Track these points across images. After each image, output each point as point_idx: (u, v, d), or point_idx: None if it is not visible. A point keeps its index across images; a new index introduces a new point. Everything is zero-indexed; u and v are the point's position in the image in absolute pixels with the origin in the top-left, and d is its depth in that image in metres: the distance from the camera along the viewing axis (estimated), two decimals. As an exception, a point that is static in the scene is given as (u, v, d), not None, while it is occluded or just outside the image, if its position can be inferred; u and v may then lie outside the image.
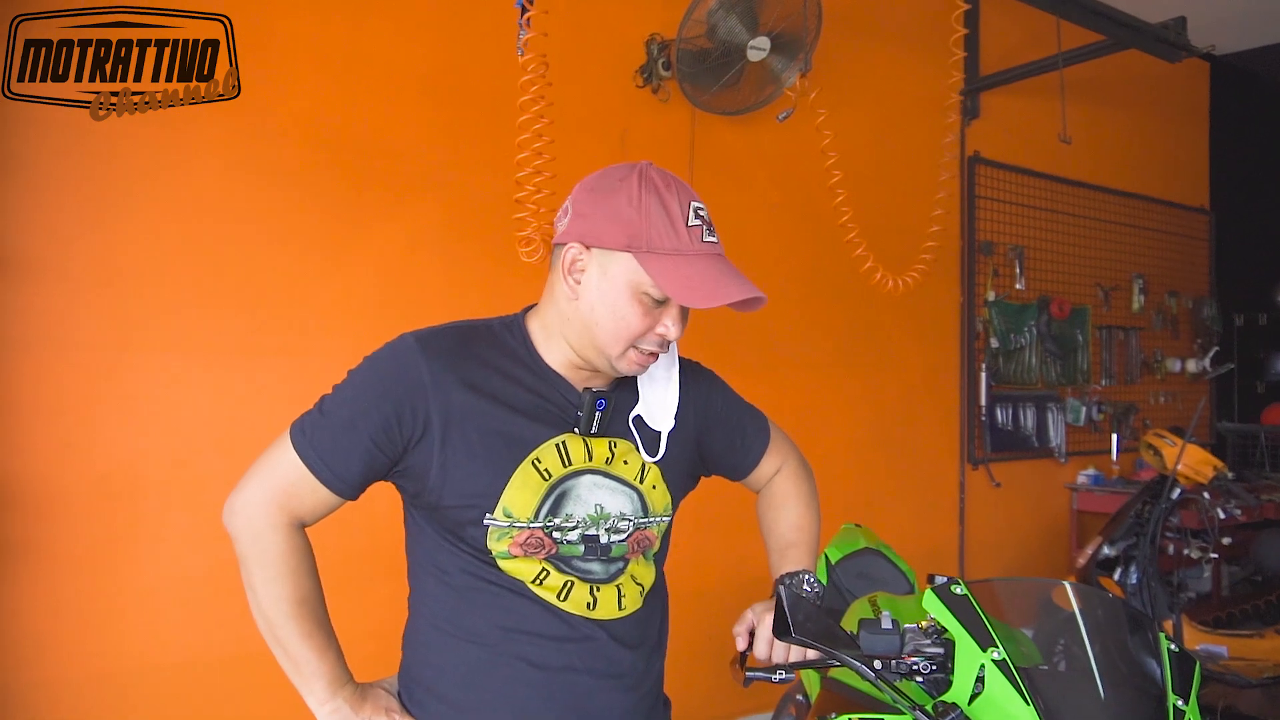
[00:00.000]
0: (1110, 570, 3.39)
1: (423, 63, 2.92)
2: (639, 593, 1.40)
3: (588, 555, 1.35)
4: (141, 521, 2.46)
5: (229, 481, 1.33)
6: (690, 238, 1.27)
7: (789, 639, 1.20)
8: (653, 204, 1.27)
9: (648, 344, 1.31)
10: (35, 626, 2.32)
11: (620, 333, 1.29)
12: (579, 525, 1.33)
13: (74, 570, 2.37)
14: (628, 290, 1.28)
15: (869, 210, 3.34)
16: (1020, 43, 4.48)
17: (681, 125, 3.45)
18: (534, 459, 1.31)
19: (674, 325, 1.31)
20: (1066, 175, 4.96)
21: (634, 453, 1.39)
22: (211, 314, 2.57)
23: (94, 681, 2.39)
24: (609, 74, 3.37)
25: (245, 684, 2.52)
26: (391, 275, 2.85)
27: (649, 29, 3.38)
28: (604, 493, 1.36)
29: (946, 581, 1.34)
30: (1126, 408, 5.24)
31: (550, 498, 1.32)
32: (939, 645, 1.31)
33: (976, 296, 4.55)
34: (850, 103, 3.83)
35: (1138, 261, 5.40)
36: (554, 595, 1.32)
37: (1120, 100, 5.21)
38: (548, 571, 1.32)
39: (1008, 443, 4.69)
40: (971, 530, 4.51)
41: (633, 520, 1.38)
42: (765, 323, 3.67)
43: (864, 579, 2.42)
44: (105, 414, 2.43)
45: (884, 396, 4.18)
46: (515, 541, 1.30)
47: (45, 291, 2.34)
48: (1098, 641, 1.31)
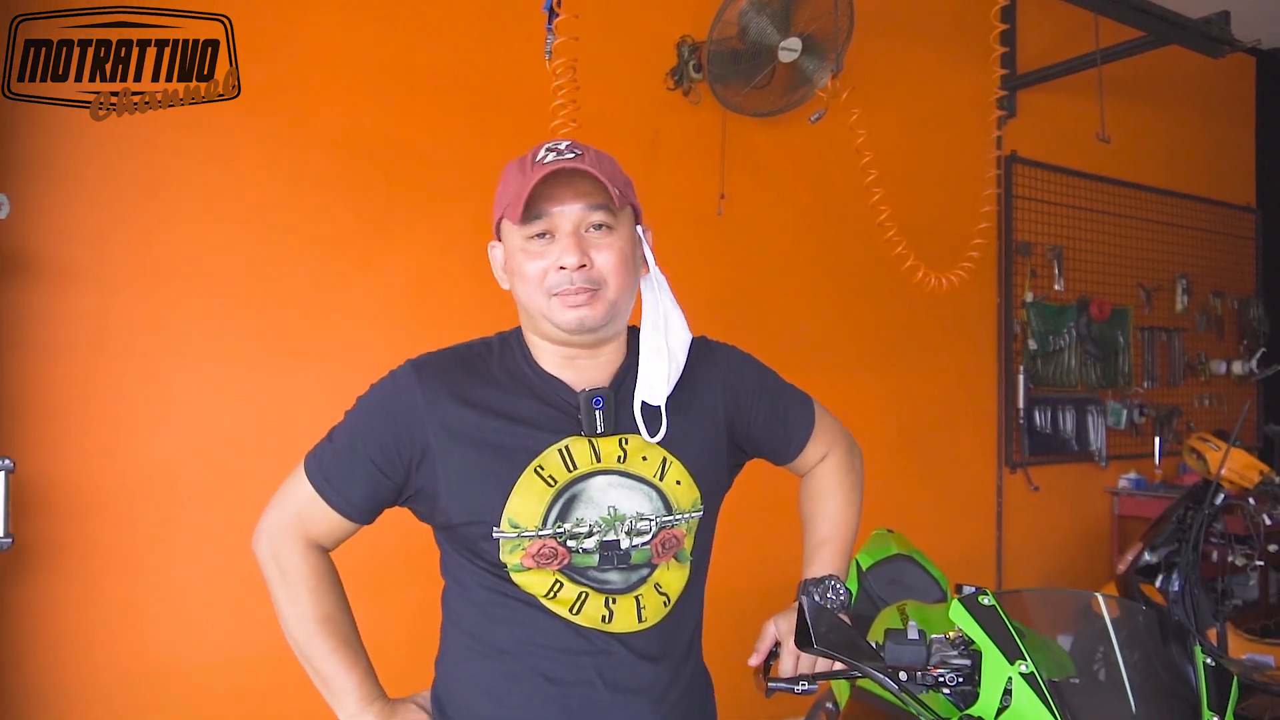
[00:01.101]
0: (1152, 577, 3.32)
1: (454, 66, 2.94)
2: (663, 603, 1.35)
3: (604, 565, 1.30)
4: (177, 523, 2.49)
5: (263, 483, 1.36)
6: (532, 168, 1.26)
7: (811, 650, 1.18)
8: (510, 168, 1.32)
9: (558, 285, 1.26)
10: (73, 626, 2.36)
11: (532, 288, 1.28)
12: (593, 530, 1.29)
13: (111, 571, 2.41)
14: (514, 249, 1.30)
15: (904, 210, 3.30)
16: (1057, 40, 4.40)
17: (712, 127, 3.43)
18: (536, 466, 1.29)
19: (563, 254, 1.25)
20: (1106, 174, 4.87)
21: (653, 447, 1.33)
22: (245, 317, 2.60)
23: (131, 681, 2.42)
24: (640, 76, 3.36)
25: (280, 685, 2.55)
26: (423, 278, 2.87)
27: (680, 31, 3.38)
28: (619, 493, 1.31)
29: (974, 592, 1.32)
30: (1169, 411, 5.14)
31: (558, 504, 1.28)
32: (966, 657, 1.29)
33: (1014, 298, 4.48)
34: (884, 103, 3.80)
35: (1181, 261, 5.29)
36: (567, 609, 1.30)
37: (1161, 97, 5.11)
38: (561, 584, 1.29)
39: (1046, 446, 4.61)
40: (1009, 535, 4.45)
41: (654, 520, 1.32)
42: (798, 324, 3.65)
43: (895, 586, 2.39)
44: (141, 418, 2.46)
45: (919, 399, 4.14)
46: (528, 553, 1.28)
47: (80, 296, 2.38)
48: (1130, 654, 1.28)
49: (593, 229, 1.28)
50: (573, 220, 1.27)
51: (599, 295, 1.27)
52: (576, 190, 1.26)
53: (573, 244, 1.25)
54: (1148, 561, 3.35)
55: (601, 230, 1.28)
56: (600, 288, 1.27)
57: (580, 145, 1.30)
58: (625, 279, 1.31)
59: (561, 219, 1.26)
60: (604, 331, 1.32)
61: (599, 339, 1.33)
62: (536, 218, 1.26)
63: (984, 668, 1.24)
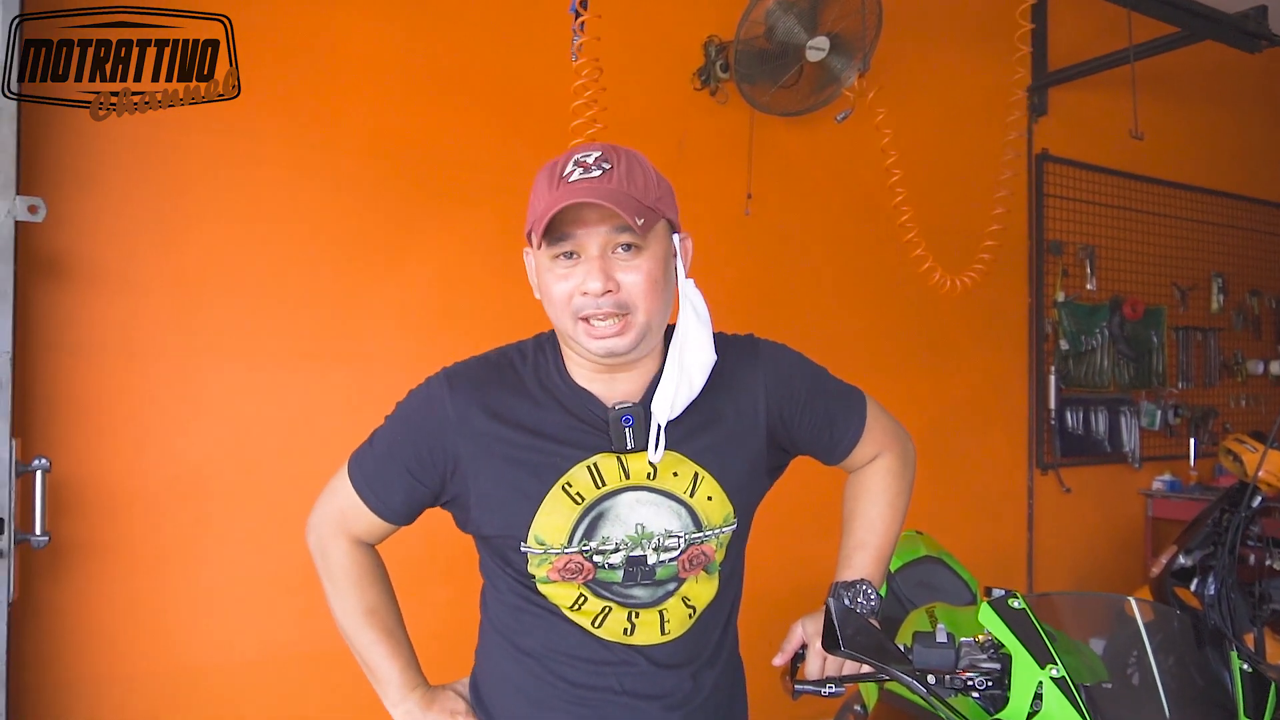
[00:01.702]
0: (1187, 581, 3.26)
1: (471, 63, 2.94)
2: (688, 615, 1.34)
3: (628, 580, 1.29)
4: (208, 522, 2.52)
5: (292, 483, 1.39)
6: (560, 185, 1.20)
7: (838, 653, 1.17)
8: (540, 179, 1.26)
9: (583, 310, 1.22)
10: (105, 625, 2.38)
11: (559, 309, 1.24)
12: (620, 547, 1.28)
13: (143, 570, 2.44)
14: (542, 267, 1.26)
15: (932, 210, 3.28)
16: (1089, 37, 4.34)
17: (740, 127, 3.42)
18: (564, 483, 1.27)
19: (587, 278, 1.20)
20: (1139, 171, 4.80)
21: (685, 462, 1.30)
22: (273, 319, 2.63)
23: (162, 679, 2.45)
24: (668, 76, 3.36)
25: (312, 681, 2.57)
26: (448, 281, 2.88)
27: (707, 31, 3.37)
28: (647, 510, 1.29)
29: (1004, 595, 1.30)
30: (1205, 411, 5.06)
31: (584, 521, 1.28)
32: (995, 660, 1.28)
33: (1045, 298, 4.43)
34: (912, 101, 3.77)
35: (1216, 260, 5.20)
36: (589, 621, 1.31)
37: (1195, 93, 5.03)
38: (585, 597, 1.31)
39: (1078, 447, 4.55)
40: (1040, 537, 4.40)
41: (683, 537, 1.30)
42: (826, 324, 3.63)
43: (924, 588, 2.37)
44: (172, 418, 2.49)
45: (949, 400, 4.10)
46: (554, 567, 1.29)
47: (111, 298, 2.41)
48: (1164, 659, 1.26)
49: (620, 250, 1.22)
50: (599, 243, 1.21)
51: (628, 322, 1.22)
52: (602, 210, 1.20)
53: (598, 268, 1.20)
54: (1183, 565, 3.29)
55: (630, 251, 1.22)
56: (629, 312, 1.22)
57: (612, 154, 1.23)
58: (656, 300, 1.25)
59: (587, 241, 1.21)
60: (636, 354, 1.28)
61: (627, 361, 1.29)
62: (561, 239, 1.22)
63: (1014, 672, 1.23)
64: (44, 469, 2.08)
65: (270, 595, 2.55)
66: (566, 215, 1.20)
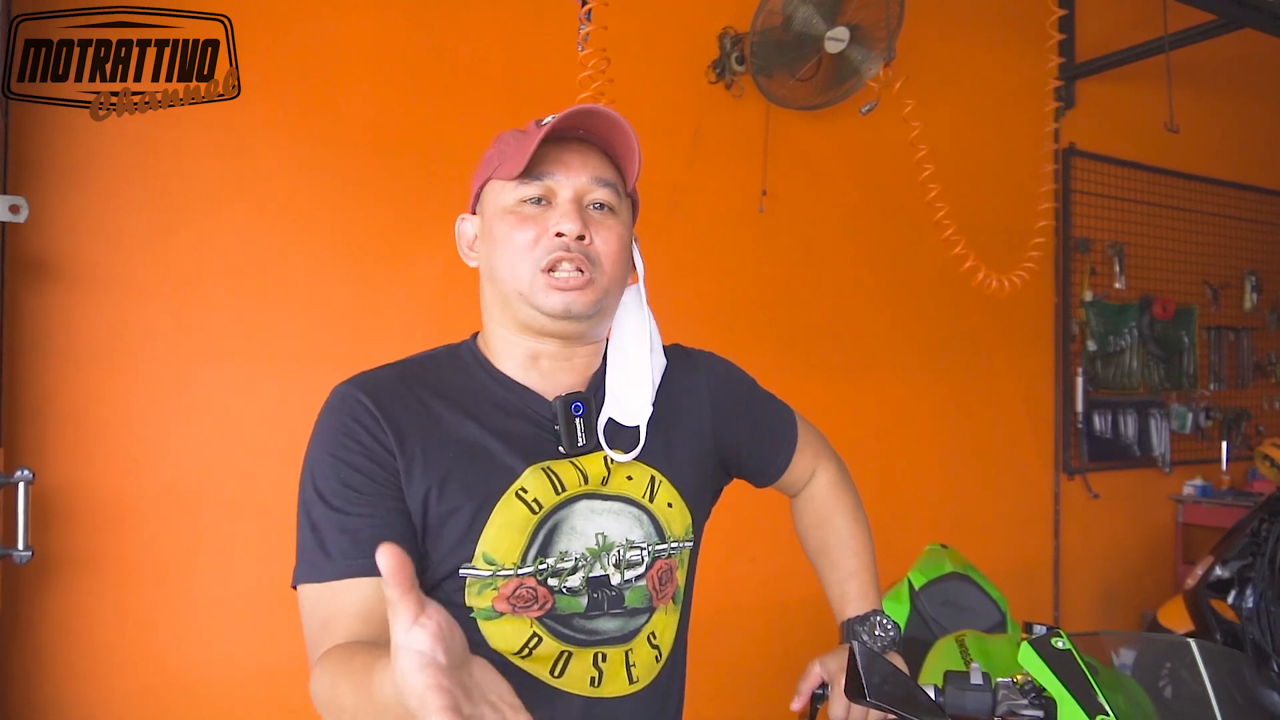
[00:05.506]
0: (1224, 593, 3.14)
1: (477, 60, 2.85)
2: (654, 659, 1.17)
3: (593, 610, 1.11)
4: (207, 531, 2.44)
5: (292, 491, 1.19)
6: (536, 130, 1.11)
7: (863, 703, 1.06)
8: (507, 133, 1.19)
9: (550, 253, 1.10)
10: (96, 640, 2.30)
11: (516, 258, 1.11)
12: (579, 564, 1.11)
13: (134, 583, 2.35)
14: (500, 212, 1.15)
15: (959, 206, 3.15)
16: (1119, 27, 4.20)
17: (756, 121, 3.31)
18: (518, 489, 1.09)
19: (562, 219, 1.10)
20: (1171, 166, 4.66)
21: (638, 465, 1.17)
22: (270, 321, 2.54)
23: (156, 695, 2.37)
24: (682, 69, 3.25)
25: (307, 700, 2.48)
26: (458, 279, 2.77)
27: (722, 22, 3.26)
28: (605, 518, 1.13)
29: (1046, 633, 1.19)
30: (1238, 414, 4.90)
31: (539, 535, 1.09)
32: (1038, 706, 1.16)
33: (1072, 297, 4.29)
34: (934, 94, 3.64)
35: (1250, 257, 5.04)
36: (546, 669, 1.09)
37: (1229, 84, 4.87)
38: (539, 638, 1.09)
39: (1106, 451, 4.41)
40: (1067, 544, 4.26)
41: (647, 548, 1.15)
42: (844, 325, 3.51)
43: (950, 607, 2.25)
44: (164, 425, 2.41)
45: (972, 402, 3.97)
46: (500, 595, 1.07)
47: (99, 300, 2.33)
48: (1225, 706, 1.14)
49: (595, 207, 1.14)
50: (576, 189, 1.12)
51: (592, 283, 1.11)
52: (587, 160, 1.13)
53: (574, 210, 1.11)
54: (1219, 576, 3.17)
55: (604, 211, 1.14)
56: (594, 272, 1.11)
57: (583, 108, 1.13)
58: (619, 270, 1.16)
59: (564, 186, 1.12)
60: (585, 325, 1.15)
61: (578, 333, 1.16)
62: (537, 178, 1.12)
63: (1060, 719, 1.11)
64: (27, 480, 1.99)
65: (268, 607, 2.46)
66: (549, 154, 1.12)
